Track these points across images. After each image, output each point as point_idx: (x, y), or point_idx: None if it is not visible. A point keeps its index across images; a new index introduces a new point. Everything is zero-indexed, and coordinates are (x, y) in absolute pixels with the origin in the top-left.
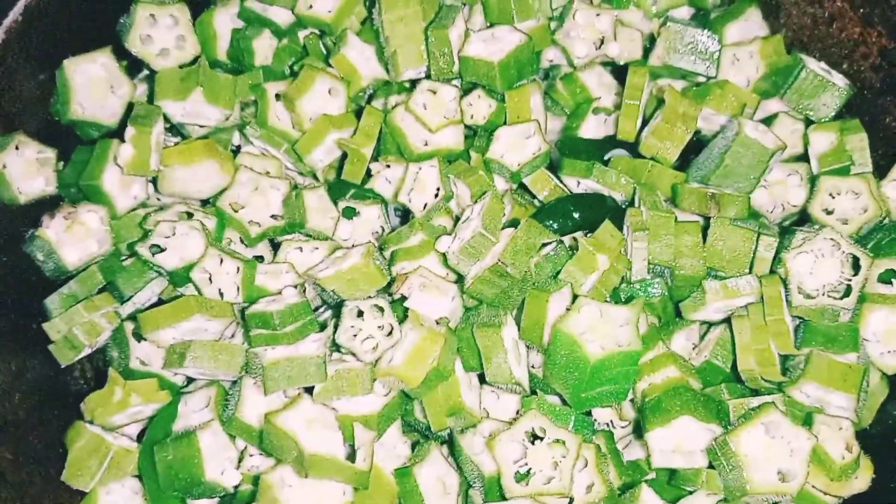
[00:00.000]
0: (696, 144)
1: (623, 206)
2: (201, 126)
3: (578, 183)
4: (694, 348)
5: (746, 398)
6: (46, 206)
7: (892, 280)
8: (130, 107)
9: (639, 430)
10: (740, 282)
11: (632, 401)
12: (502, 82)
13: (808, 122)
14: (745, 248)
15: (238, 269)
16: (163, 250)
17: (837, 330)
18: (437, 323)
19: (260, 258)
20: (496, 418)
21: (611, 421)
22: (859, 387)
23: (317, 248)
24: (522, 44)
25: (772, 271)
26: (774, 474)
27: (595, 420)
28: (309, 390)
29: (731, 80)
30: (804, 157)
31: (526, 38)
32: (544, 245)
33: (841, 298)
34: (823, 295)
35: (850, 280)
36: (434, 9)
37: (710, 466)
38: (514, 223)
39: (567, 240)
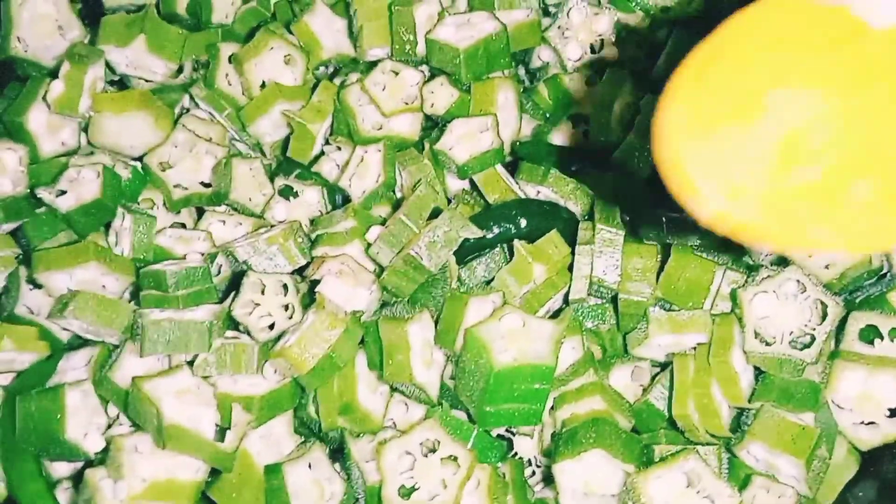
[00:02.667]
0: None
1: (580, 220)
2: (147, 80)
3: (538, 192)
4: (644, 392)
5: (676, 446)
6: None
7: (875, 339)
8: None
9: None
10: (689, 315)
11: (553, 434)
12: (467, 72)
13: None
14: (703, 280)
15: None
16: (64, 193)
17: (796, 386)
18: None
19: (182, 225)
20: (399, 429)
21: (534, 457)
22: (809, 453)
23: (241, 224)
24: (496, 33)
25: (732, 311)
26: None
27: (515, 453)
28: (192, 363)
29: None
30: None
31: (500, 28)
32: (481, 251)
33: (803, 349)
34: (783, 343)
35: (815, 329)
36: None
37: None
38: (437, 213)
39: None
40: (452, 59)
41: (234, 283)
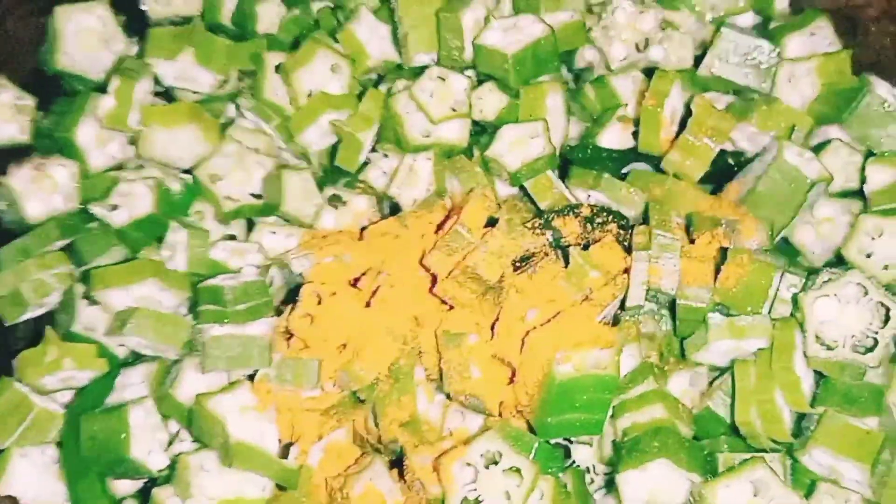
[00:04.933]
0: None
1: (633, 225)
2: (194, 92)
3: (589, 196)
4: (702, 396)
5: (741, 453)
6: (16, 156)
7: None
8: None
9: (613, 482)
10: (749, 320)
11: (614, 442)
12: (516, 77)
13: (870, 156)
14: (762, 284)
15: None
16: (116, 208)
17: (859, 390)
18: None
19: (232, 237)
20: (457, 439)
21: (592, 466)
22: (874, 457)
23: (291, 235)
24: (544, 37)
25: (792, 316)
26: None
27: (573, 461)
28: (252, 378)
29: (781, 98)
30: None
31: (548, 32)
32: (531, 255)
33: (865, 353)
34: (845, 347)
35: (877, 333)
36: None
37: None
38: (494, 222)
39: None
40: (501, 64)
41: (289, 296)
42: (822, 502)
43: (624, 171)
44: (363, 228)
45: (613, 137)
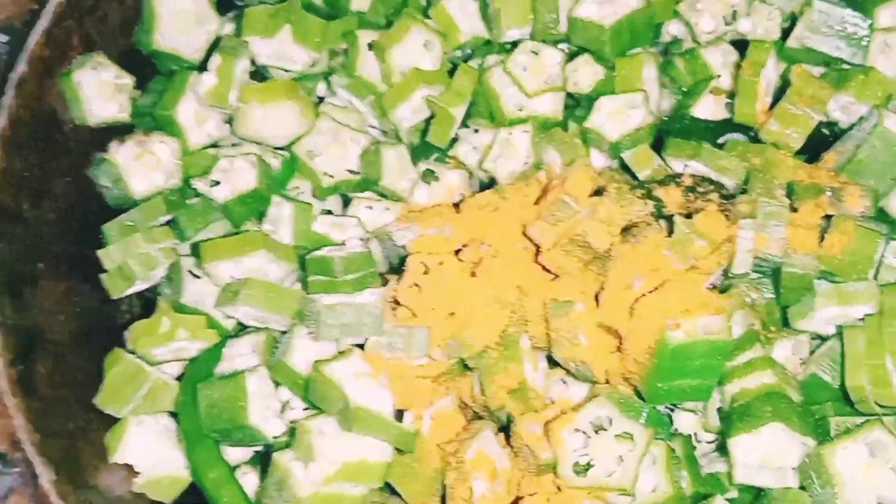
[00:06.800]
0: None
1: (734, 193)
2: (287, 70)
3: (686, 166)
4: (802, 364)
5: (852, 417)
6: (116, 134)
7: None
8: (214, 44)
9: (724, 446)
10: (858, 286)
11: (719, 409)
12: (612, 48)
13: None
14: (868, 251)
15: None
16: (218, 184)
17: None
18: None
19: (328, 212)
20: (560, 408)
21: (694, 434)
22: None
23: (388, 209)
24: (640, 9)
25: None
26: (873, 501)
27: (675, 428)
28: (361, 346)
29: (877, 68)
30: None
31: (644, 3)
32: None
33: None
34: None
35: None
36: None
37: (802, 488)
38: (600, 191)
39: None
40: (597, 36)
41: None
42: None
43: (720, 141)
44: (456, 203)
45: (706, 109)
